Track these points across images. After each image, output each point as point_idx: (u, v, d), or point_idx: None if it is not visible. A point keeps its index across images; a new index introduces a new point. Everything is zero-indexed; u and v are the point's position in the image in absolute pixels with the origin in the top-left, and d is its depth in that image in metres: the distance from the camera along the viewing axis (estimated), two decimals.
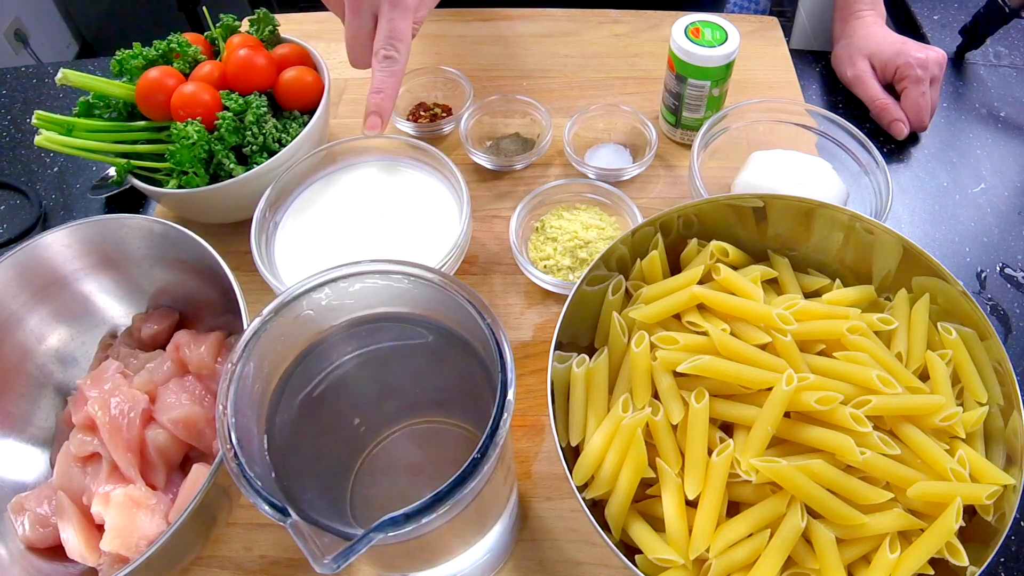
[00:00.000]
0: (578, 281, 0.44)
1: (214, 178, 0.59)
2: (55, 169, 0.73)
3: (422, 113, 0.72)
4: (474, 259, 0.62)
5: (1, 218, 0.69)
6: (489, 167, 0.68)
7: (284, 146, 0.60)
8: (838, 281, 0.47)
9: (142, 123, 0.61)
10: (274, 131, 0.60)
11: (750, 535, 0.38)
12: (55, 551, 0.45)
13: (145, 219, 0.50)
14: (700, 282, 0.45)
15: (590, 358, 0.44)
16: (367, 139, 0.62)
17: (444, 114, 0.71)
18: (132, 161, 0.59)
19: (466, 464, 0.28)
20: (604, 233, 0.58)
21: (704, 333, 0.43)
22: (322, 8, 0.65)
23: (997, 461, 0.39)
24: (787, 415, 0.39)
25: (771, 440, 0.39)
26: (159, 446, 0.45)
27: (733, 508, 0.40)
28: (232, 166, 0.58)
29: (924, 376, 0.43)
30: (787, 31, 0.91)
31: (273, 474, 0.32)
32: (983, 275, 0.62)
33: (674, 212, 0.47)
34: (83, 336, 0.54)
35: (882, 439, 0.38)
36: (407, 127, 0.70)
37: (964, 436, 0.40)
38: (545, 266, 0.59)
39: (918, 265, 0.44)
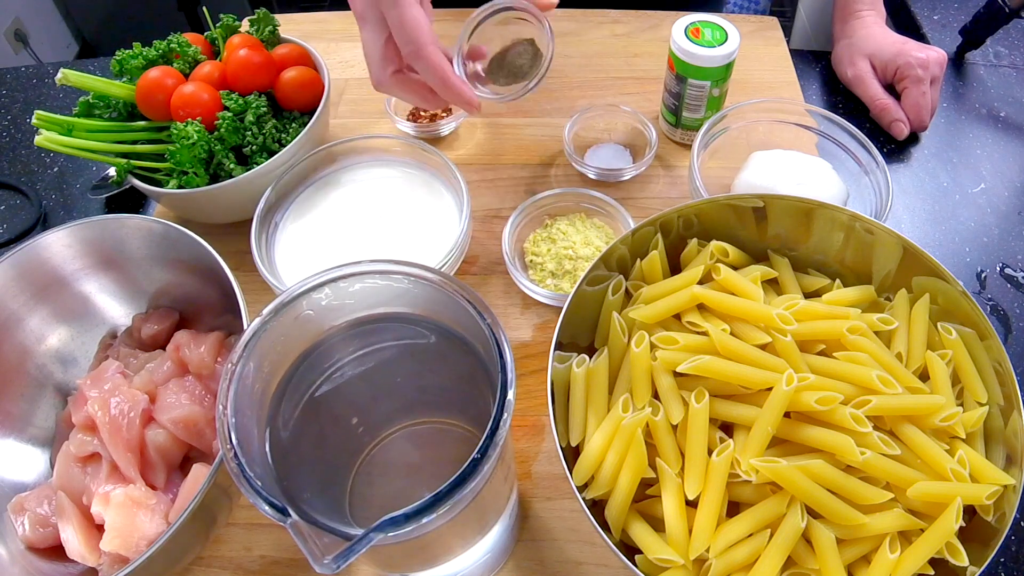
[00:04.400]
0: (578, 282, 0.44)
1: (214, 178, 0.59)
2: (55, 169, 0.73)
3: (422, 113, 0.72)
4: (474, 259, 0.62)
5: (1, 218, 0.69)
6: (494, 99, 0.55)
7: (284, 146, 0.60)
8: (838, 281, 0.47)
9: (142, 123, 0.61)
10: (274, 131, 0.60)
11: (750, 535, 0.38)
12: (55, 551, 0.45)
13: (145, 219, 0.50)
14: (700, 282, 0.45)
15: (590, 358, 0.44)
16: (367, 139, 0.62)
17: (444, 114, 0.71)
18: (132, 161, 0.59)
19: (466, 464, 0.28)
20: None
21: (704, 333, 0.43)
22: (322, 8, 0.65)
23: (997, 461, 0.39)
24: (787, 415, 0.39)
25: (771, 440, 0.39)
26: (159, 446, 0.45)
27: (733, 508, 0.40)
28: (232, 166, 0.58)
29: (924, 376, 0.43)
30: (787, 31, 0.91)
31: (273, 474, 0.32)
32: (983, 275, 0.62)
33: (674, 212, 0.47)
34: (83, 336, 0.54)
35: (882, 439, 0.38)
36: (407, 127, 0.70)
37: (964, 436, 0.40)
38: (531, 261, 0.59)
39: (918, 265, 0.44)
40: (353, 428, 0.40)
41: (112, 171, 0.63)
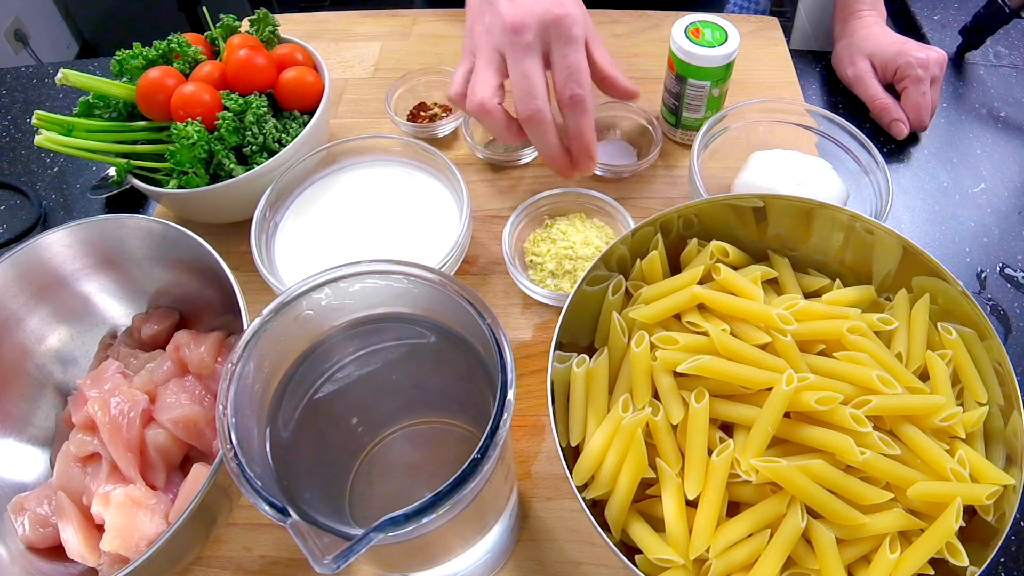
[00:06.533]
0: (578, 282, 0.44)
1: (214, 178, 0.59)
2: (55, 169, 0.73)
3: (422, 113, 0.72)
4: (474, 259, 0.62)
5: (1, 218, 0.69)
6: (491, 161, 0.68)
7: (284, 146, 0.60)
8: (838, 281, 0.47)
9: (142, 123, 0.61)
10: (274, 131, 0.60)
11: (750, 535, 0.38)
12: (55, 551, 0.45)
13: (145, 219, 0.50)
14: (700, 282, 0.45)
15: (590, 358, 0.44)
16: (367, 139, 0.62)
17: (444, 114, 0.71)
18: (132, 161, 0.59)
19: (466, 464, 0.28)
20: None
21: (704, 333, 0.43)
22: (322, 8, 0.65)
23: (997, 461, 0.39)
24: (787, 415, 0.39)
25: (771, 440, 0.39)
26: (159, 446, 0.45)
27: (733, 508, 0.40)
28: (232, 166, 0.58)
29: (924, 376, 0.43)
30: (787, 31, 0.91)
31: (273, 474, 0.32)
32: (983, 275, 0.62)
33: (674, 212, 0.47)
34: (83, 336, 0.54)
35: (882, 439, 0.38)
36: (407, 127, 0.70)
37: (964, 436, 0.40)
38: (531, 261, 0.59)
39: (918, 265, 0.44)
40: (353, 428, 0.40)
41: (112, 171, 0.63)
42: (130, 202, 0.70)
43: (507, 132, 0.55)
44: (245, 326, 0.34)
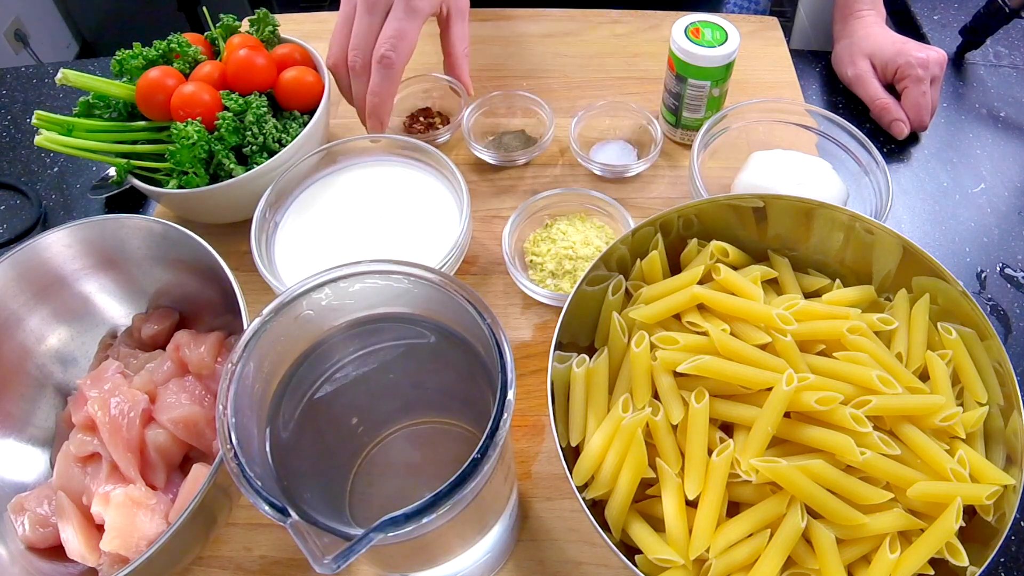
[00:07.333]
0: (578, 282, 0.44)
1: (214, 178, 0.59)
2: (55, 169, 0.73)
3: (421, 119, 0.71)
4: (474, 259, 0.62)
5: (1, 218, 0.69)
6: (491, 162, 0.68)
7: (284, 146, 0.60)
8: (838, 281, 0.47)
9: (142, 123, 0.61)
10: (274, 131, 0.60)
11: (750, 535, 0.38)
12: (55, 551, 0.45)
13: (145, 219, 0.50)
14: (700, 282, 0.45)
15: (590, 358, 0.44)
16: (367, 139, 0.62)
17: (440, 125, 0.71)
18: (132, 161, 0.59)
19: (466, 464, 0.28)
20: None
21: (704, 333, 0.43)
22: (322, 8, 0.65)
23: (997, 461, 0.39)
24: (787, 415, 0.40)
25: (771, 440, 0.39)
26: (159, 446, 0.45)
27: (733, 508, 0.40)
28: (232, 166, 0.58)
29: (924, 376, 0.43)
30: (787, 31, 0.91)
31: (273, 474, 0.32)
32: (983, 275, 0.62)
33: (674, 212, 0.47)
34: (83, 336, 0.54)
35: (882, 439, 0.38)
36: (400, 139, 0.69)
37: (964, 436, 0.40)
38: (531, 261, 0.59)
39: (918, 265, 0.44)
40: (353, 428, 0.40)
41: (112, 171, 0.63)
42: (130, 202, 0.70)
43: (345, 93, 0.64)
44: (245, 326, 0.34)
